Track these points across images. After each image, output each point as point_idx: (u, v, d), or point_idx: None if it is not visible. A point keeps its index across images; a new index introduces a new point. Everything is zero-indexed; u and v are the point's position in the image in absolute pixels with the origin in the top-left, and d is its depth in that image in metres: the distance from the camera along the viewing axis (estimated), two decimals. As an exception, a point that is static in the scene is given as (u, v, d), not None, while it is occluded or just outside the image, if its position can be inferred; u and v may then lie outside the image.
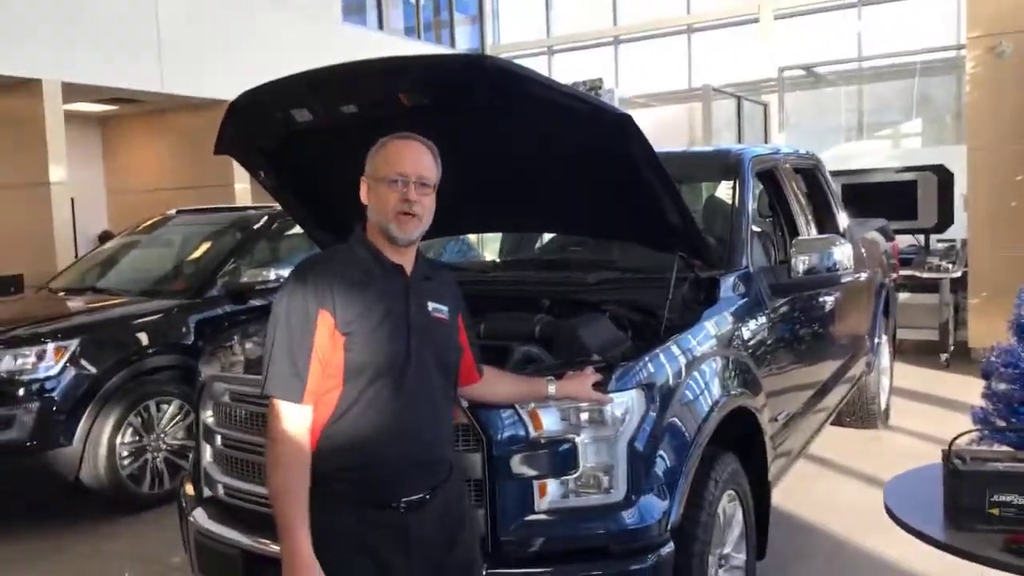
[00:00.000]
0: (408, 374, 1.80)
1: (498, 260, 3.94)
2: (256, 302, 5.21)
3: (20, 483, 4.50)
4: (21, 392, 4.37)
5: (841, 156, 9.34)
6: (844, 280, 3.60)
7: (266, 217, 5.72)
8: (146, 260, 5.96)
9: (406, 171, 1.84)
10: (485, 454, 2.24)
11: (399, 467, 1.82)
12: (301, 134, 2.91)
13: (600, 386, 2.27)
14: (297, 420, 1.75)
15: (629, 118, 2.41)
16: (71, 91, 8.48)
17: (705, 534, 2.49)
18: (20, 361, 4.43)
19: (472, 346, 2.11)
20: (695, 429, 2.53)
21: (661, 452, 2.40)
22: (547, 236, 4.22)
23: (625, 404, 2.32)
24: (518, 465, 2.25)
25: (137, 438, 4.63)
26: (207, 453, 2.78)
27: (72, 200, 9.66)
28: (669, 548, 2.33)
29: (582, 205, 2.91)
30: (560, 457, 2.26)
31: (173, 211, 6.38)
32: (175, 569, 2.91)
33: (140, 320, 4.84)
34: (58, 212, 8.21)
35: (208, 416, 2.77)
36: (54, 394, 4.40)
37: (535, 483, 2.27)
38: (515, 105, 2.46)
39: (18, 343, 4.48)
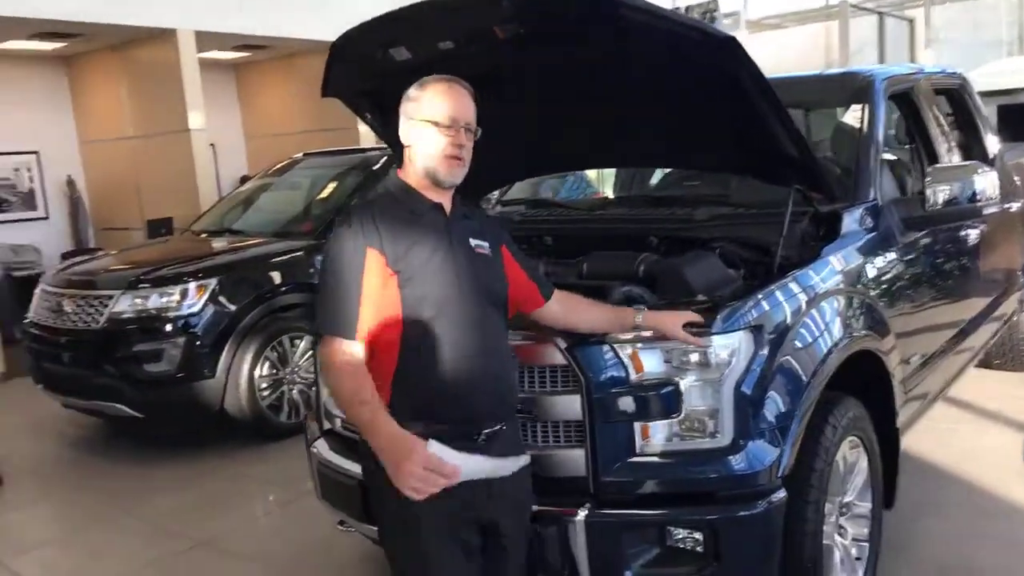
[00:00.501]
0: (466, 309, 1.85)
1: (607, 197, 3.84)
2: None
3: (171, 414, 4.87)
4: (168, 328, 4.70)
5: (997, 73, 8.48)
6: (988, 211, 3.29)
7: (386, 158, 5.82)
8: (276, 202, 6.22)
9: (457, 116, 1.86)
10: (584, 396, 2.21)
11: (477, 403, 1.86)
12: (403, 73, 2.90)
13: (695, 327, 2.17)
14: (350, 354, 1.79)
15: (734, 41, 2.25)
16: (205, 39, 8.85)
17: (821, 482, 2.38)
18: (165, 299, 4.76)
19: (530, 270, 2.15)
20: (810, 372, 2.40)
21: (772, 396, 2.29)
22: (661, 172, 4.07)
23: (731, 346, 2.23)
24: (619, 407, 2.22)
25: (274, 371, 4.92)
26: (325, 388, 2.89)
27: (213, 146, 10.18)
28: (781, 495, 2.25)
29: (689, 137, 2.77)
30: (662, 400, 2.21)
31: (300, 154, 6.59)
32: (309, 493, 3.13)
33: (272, 260, 5.08)
34: (199, 157, 8.64)
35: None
36: (197, 329, 4.71)
37: (637, 425, 2.23)
38: (613, 32, 2.35)
39: (163, 282, 4.81)
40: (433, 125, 1.86)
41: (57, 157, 9.62)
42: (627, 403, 2.22)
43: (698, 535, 2.21)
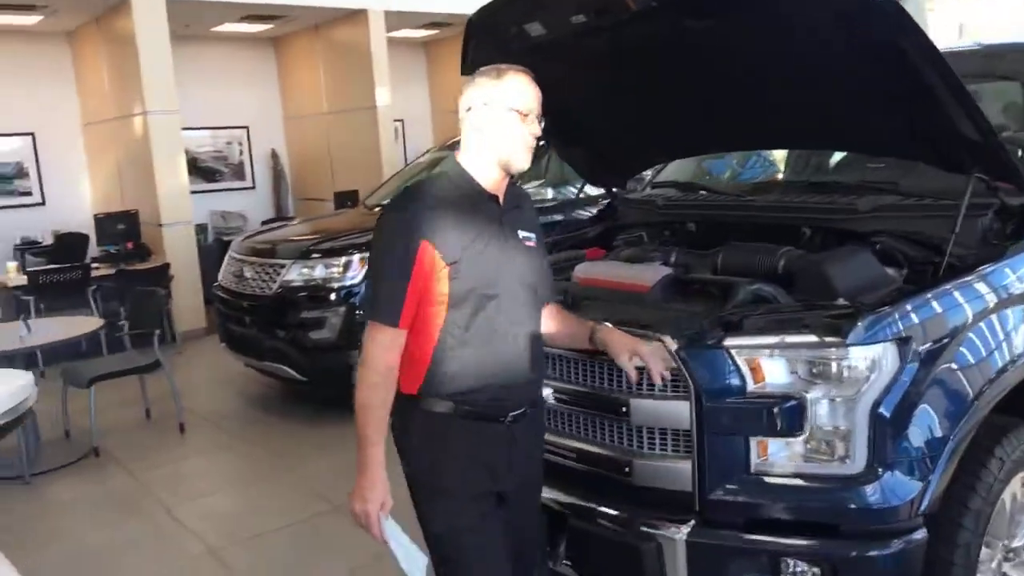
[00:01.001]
0: (509, 300, 1.88)
1: (763, 182, 3.50)
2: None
3: (330, 379, 5.07)
4: (332, 297, 4.93)
5: None
6: None
7: (551, 134, 5.72)
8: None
9: (536, 107, 1.87)
10: (694, 404, 2.02)
11: (507, 388, 1.89)
12: (541, 50, 2.78)
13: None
14: (391, 343, 1.81)
15: (895, 5, 1.93)
16: (396, 18, 9.15)
17: (976, 524, 2.04)
18: (330, 270, 4.98)
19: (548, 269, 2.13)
20: (973, 394, 2.05)
21: (919, 419, 1.97)
22: (837, 156, 3.66)
23: (871, 359, 1.94)
24: (731, 420, 2.00)
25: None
26: None
27: (401, 121, 10.59)
28: (920, 535, 1.94)
29: (849, 116, 2.43)
30: (784, 415, 1.96)
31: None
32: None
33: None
34: (385, 133, 9.00)
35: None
36: (357, 300, 4.89)
37: (753, 441, 2.00)
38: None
39: (331, 254, 5.03)
40: (517, 113, 1.84)
41: (264, 132, 10.39)
42: (743, 416, 2.00)
43: (817, 570, 1.95)
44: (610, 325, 2.11)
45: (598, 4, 2.41)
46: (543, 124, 1.89)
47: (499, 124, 1.85)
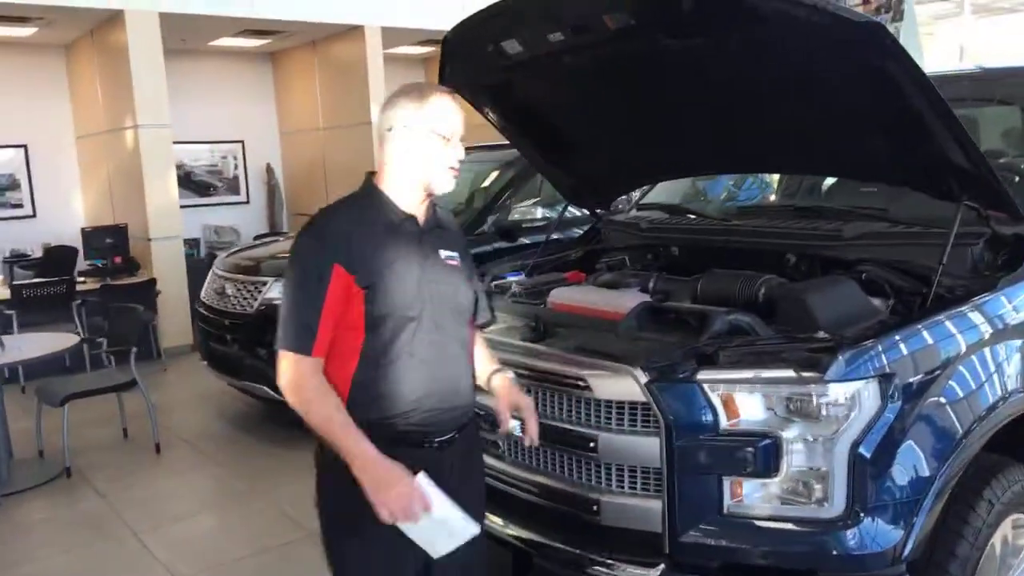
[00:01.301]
0: (428, 322, 1.82)
1: (749, 206, 3.40)
2: (525, 240, 5.21)
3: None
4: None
5: None
6: None
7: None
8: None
9: (460, 129, 1.84)
10: (664, 441, 1.91)
11: (432, 413, 1.83)
12: (519, 67, 2.71)
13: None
14: (309, 369, 1.75)
15: (880, 27, 1.85)
16: (392, 35, 9.11)
17: (963, 570, 1.93)
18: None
19: (479, 291, 2.09)
20: (961, 432, 1.95)
21: (903, 459, 1.87)
22: (829, 180, 3.56)
23: (850, 396, 1.83)
24: (704, 458, 1.90)
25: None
26: None
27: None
28: (902, 583, 1.83)
29: (836, 140, 2.35)
30: (758, 455, 1.85)
31: (462, 148, 6.57)
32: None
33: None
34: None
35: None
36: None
37: (726, 481, 1.90)
38: (736, 20, 2.02)
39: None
40: (440, 138, 1.81)
41: (259, 146, 10.33)
42: (715, 454, 1.89)
43: (792, 619, 1.84)
44: (511, 375, 2.06)
45: (576, 23, 2.33)
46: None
47: (421, 148, 1.81)
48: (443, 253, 1.89)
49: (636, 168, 3.13)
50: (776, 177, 3.49)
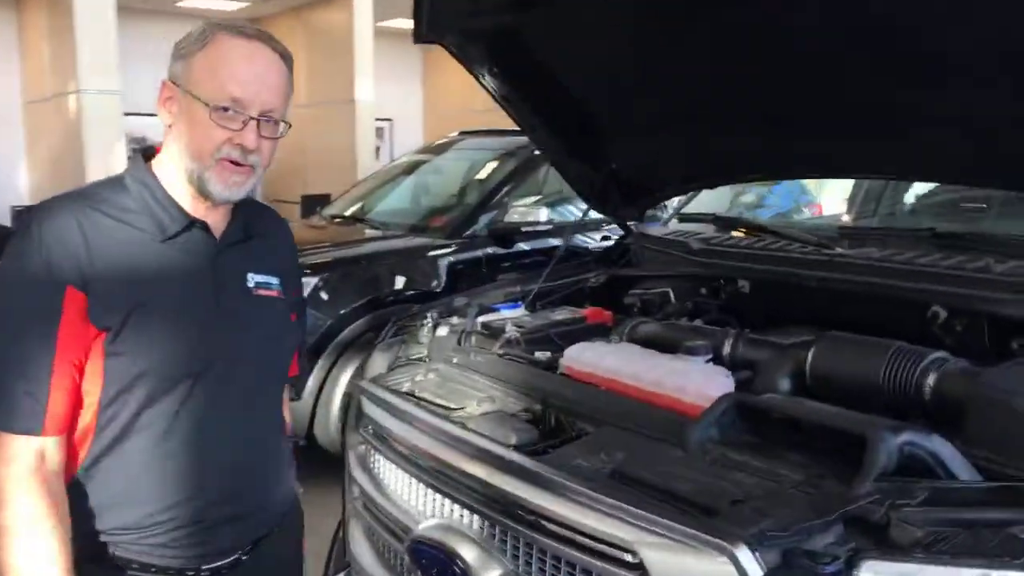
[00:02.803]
0: (212, 385, 1.25)
1: (844, 225, 2.43)
2: (524, 246, 4.30)
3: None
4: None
5: None
6: None
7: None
8: (419, 189, 5.30)
9: (246, 97, 1.21)
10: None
11: (199, 522, 1.25)
12: (529, 6, 1.79)
13: None
14: (38, 458, 1.16)
15: None
16: (386, 5, 8.16)
17: None
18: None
19: (302, 344, 1.51)
20: None
21: None
22: (927, 188, 2.63)
23: None
24: None
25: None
26: (356, 528, 1.81)
27: (390, 120, 9.64)
28: None
29: (997, 140, 1.43)
30: None
31: (456, 133, 5.64)
32: None
33: (385, 261, 4.12)
34: (363, 131, 8.00)
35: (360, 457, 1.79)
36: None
37: None
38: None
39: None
40: (204, 106, 1.20)
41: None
42: None
43: None
44: None
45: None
46: (283, 129, 1.27)
47: (184, 118, 1.22)
48: (252, 279, 1.32)
49: (695, 165, 2.20)
50: (878, 185, 2.54)
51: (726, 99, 1.90)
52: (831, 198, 5.19)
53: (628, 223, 2.53)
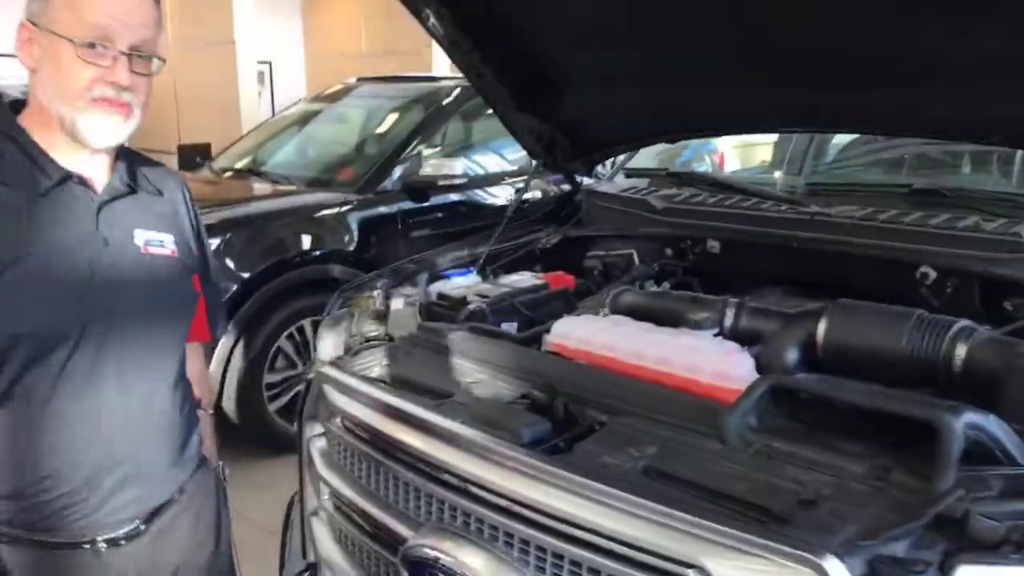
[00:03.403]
0: (96, 348, 1.20)
1: (800, 182, 2.33)
2: (438, 200, 4.10)
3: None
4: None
5: None
6: None
7: (459, 90, 4.47)
8: (318, 139, 4.96)
9: (113, 29, 1.15)
10: None
11: (87, 489, 1.22)
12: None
13: None
14: None
15: None
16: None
17: None
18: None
19: (212, 294, 1.48)
20: None
21: None
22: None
23: None
24: None
25: (289, 365, 3.72)
26: (322, 530, 1.62)
27: (269, 64, 9.08)
28: None
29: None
30: None
31: (354, 79, 5.31)
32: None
33: (290, 219, 3.82)
34: (244, 75, 7.46)
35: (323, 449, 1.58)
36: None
37: None
38: None
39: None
40: (69, 43, 1.14)
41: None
42: None
43: None
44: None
45: None
46: (155, 63, 1.22)
47: (49, 58, 1.16)
48: (140, 236, 1.26)
49: (660, 116, 2.06)
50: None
51: (686, 51, 1.78)
52: (730, 150, 5.23)
53: (578, 178, 2.38)
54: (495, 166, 4.60)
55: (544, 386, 1.33)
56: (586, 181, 2.39)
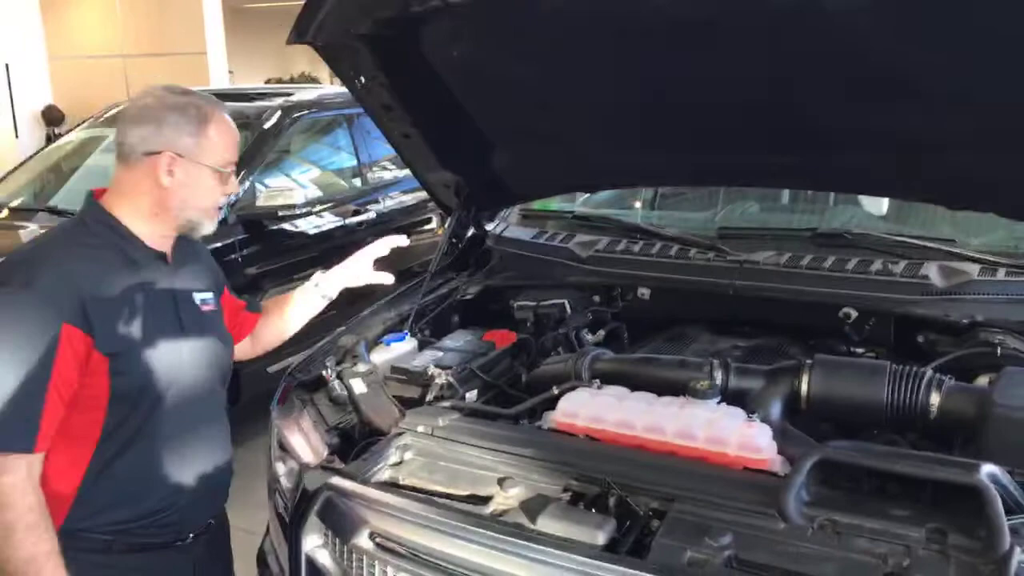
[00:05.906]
0: (185, 392, 1.51)
1: (712, 227, 2.42)
2: (275, 228, 3.86)
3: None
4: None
5: None
6: None
7: (280, 111, 4.23)
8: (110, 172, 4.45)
9: (235, 159, 1.56)
10: None
11: (192, 503, 1.55)
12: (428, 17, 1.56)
13: None
14: (27, 474, 1.33)
15: None
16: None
17: None
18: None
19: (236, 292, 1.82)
20: None
21: None
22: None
23: None
24: None
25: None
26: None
27: (7, 67, 8.07)
28: None
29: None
30: None
31: (154, 90, 4.79)
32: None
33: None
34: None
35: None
36: None
37: None
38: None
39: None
40: (213, 172, 1.49)
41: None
42: None
43: None
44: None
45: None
46: None
47: (193, 183, 1.47)
48: (198, 297, 1.58)
49: (583, 168, 2.10)
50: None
51: (608, 114, 1.86)
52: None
53: (485, 226, 2.38)
54: (335, 190, 4.44)
55: (588, 477, 1.34)
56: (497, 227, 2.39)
